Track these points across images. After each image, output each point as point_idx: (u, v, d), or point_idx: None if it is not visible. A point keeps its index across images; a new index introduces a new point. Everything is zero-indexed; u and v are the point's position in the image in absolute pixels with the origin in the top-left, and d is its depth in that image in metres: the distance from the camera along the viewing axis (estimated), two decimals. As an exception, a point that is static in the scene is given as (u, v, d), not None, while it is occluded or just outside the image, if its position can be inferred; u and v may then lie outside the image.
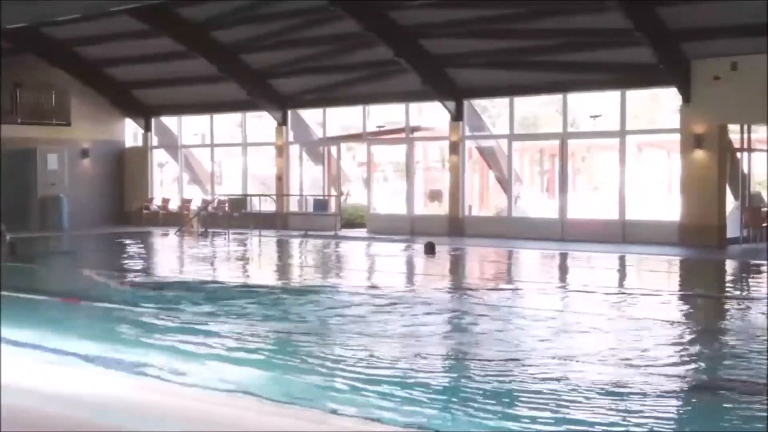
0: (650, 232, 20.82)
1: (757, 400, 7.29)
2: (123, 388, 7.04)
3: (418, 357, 8.85)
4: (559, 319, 11.43)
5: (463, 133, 24.07)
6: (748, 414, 6.93)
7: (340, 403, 6.96)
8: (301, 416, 6.34)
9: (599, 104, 23.89)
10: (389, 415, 6.65)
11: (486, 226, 23.88)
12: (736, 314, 12.21)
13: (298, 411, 6.51)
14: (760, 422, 6.72)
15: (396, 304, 12.24)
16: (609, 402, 7.19)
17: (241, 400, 6.80)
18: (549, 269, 18.48)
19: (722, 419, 6.85)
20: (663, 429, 6.64)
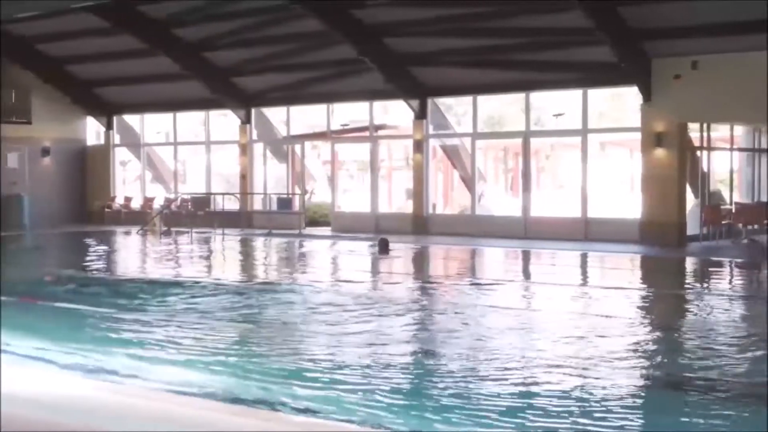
0: (612, 230, 20.99)
1: (714, 396, 7.38)
2: (79, 388, 6.96)
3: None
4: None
5: (427, 132, 24.12)
6: (705, 410, 7.00)
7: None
8: (254, 415, 6.33)
9: (562, 103, 24.03)
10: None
11: (450, 224, 23.96)
12: (694, 311, 12.33)
13: (248, 410, 6.51)
14: (717, 419, 6.80)
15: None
16: (560, 399, 7.24)
17: (196, 401, 6.77)
18: (498, 266, 18.68)
19: (679, 415, 6.92)
20: (619, 425, 6.69)
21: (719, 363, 8.54)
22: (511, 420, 6.68)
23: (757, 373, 8.17)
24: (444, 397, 7.25)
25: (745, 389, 7.55)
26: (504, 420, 6.68)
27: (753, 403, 7.20)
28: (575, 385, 7.63)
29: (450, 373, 8.12)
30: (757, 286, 15.56)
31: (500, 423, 6.64)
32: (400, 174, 27.99)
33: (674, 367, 8.52)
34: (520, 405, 7.03)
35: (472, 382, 7.72)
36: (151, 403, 6.47)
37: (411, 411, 6.91)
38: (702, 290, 14.77)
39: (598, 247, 19.76)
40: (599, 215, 21.67)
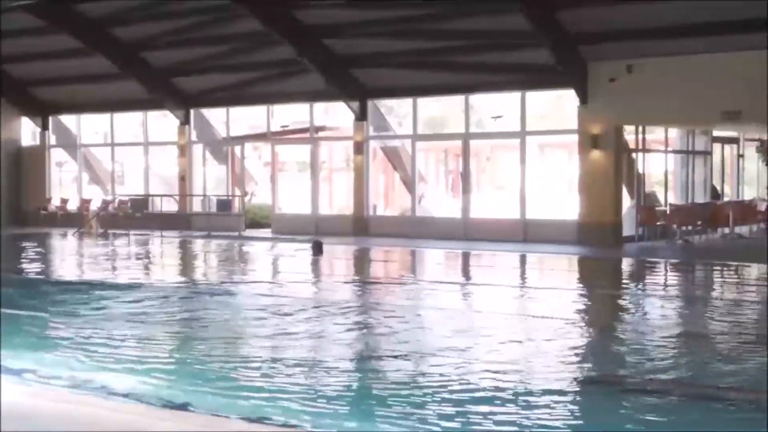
0: (550, 231, 21.22)
1: (648, 395, 7.49)
2: (9, 394, 6.84)
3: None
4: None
5: (367, 133, 24.15)
6: (639, 409, 7.08)
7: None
8: (186, 420, 6.30)
9: (502, 105, 24.21)
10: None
11: (391, 225, 24.00)
12: (630, 311, 12.52)
13: (179, 414, 6.48)
14: (651, 414, 6.90)
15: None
16: (495, 398, 7.29)
17: (126, 406, 6.71)
18: (432, 267, 18.88)
19: (613, 414, 6.98)
20: (553, 425, 6.75)
21: (653, 362, 8.68)
22: (449, 422, 6.71)
23: (687, 371, 8.33)
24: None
25: (680, 388, 7.67)
26: (441, 421, 6.71)
27: (687, 402, 7.34)
28: (510, 384, 7.68)
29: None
30: (691, 285, 15.87)
31: (438, 423, 6.68)
32: (340, 175, 27.96)
33: (608, 366, 8.63)
34: (456, 406, 7.06)
35: (398, 383, 7.77)
36: (60, 405, 6.40)
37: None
38: (637, 290, 15.00)
39: (536, 248, 19.98)
40: (538, 216, 21.88)
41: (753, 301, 13.39)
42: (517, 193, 22.18)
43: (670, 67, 19.40)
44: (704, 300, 13.50)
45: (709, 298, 13.71)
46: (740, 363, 8.61)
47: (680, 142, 23.72)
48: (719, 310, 12.31)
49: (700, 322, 11.23)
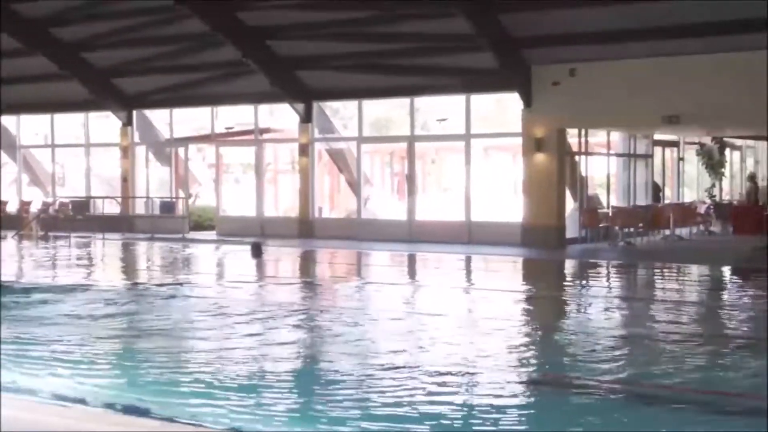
0: (495, 233, 21.34)
1: (590, 395, 7.56)
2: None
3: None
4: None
5: (312, 135, 24.09)
6: (581, 409, 7.14)
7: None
8: (96, 418, 6.25)
9: (447, 108, 24.28)
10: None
11: (336, 228, 23.95)
12: (572, 312, 12.64)
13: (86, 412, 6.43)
14: (593, 415, 6.96)
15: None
16: (439, 399, 7.30)
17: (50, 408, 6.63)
18: (375, 269, 18.88)
19: (556, 415, 7.04)
20: (497, 425, 6.79)
21: (595, 362, 8.75)
22: (392, 423, 6.70)
23: (629, 371, 8.42)
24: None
25: (622, 389, 7.75)
26: (383, 423, 6.70)
27: (629, 401, 7.41)
28: (454, 386, 7.70)
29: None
30: (633, 286, 16.07)
31: (380, 425, 6.67)
32: (286, 177, 27.84)
33: (551, 366, 8.69)
34: (398, 408, 7.05)
35: (335, 384, 7.76)
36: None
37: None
38: (580, 292, 15.16)
39: (480, 250, 20.09)
40: (483, 218, 22.00)
41: (693, 301, 13.62)
42: (462, 196, 22.29)
43: (612, 71, 19.65)
44: (646, 301, 13.69)
45: (650, 299, 13.90)
46: (681, 362, 8.73)
47: (622, 145, 24.03)
48: (660, 311, 12.48)
49: (642, 323, 11.37)
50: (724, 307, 12.90)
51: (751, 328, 10.96)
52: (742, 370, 8.52)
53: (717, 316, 12.01)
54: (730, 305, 13.20)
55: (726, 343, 9.85)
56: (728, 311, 12.48)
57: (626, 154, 24.01)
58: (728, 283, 16.62)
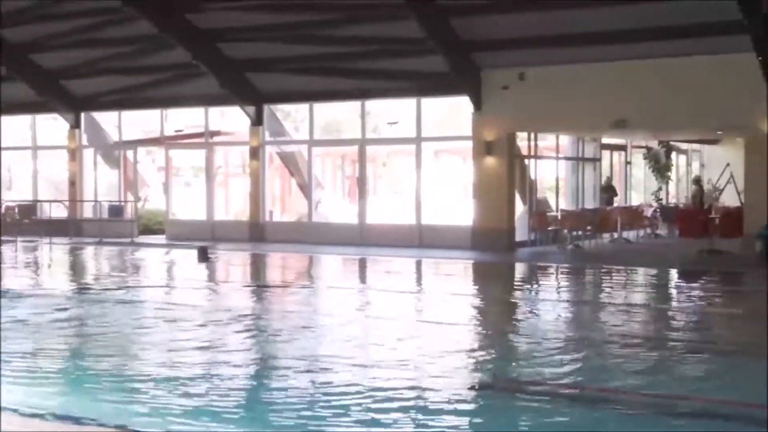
0: (445, 236, 21.44)
1: (541, 397, 7.62)
2: None
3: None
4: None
5: (263, 138, 24.01)
6: (532, 412, 7.20)
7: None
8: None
9: (398, 111, 24.35)
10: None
11: (287, 231, 23.89)
12: (521, 315, 12.73)
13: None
14: (544, 417, 7.04)
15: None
16: (388, 403, 7.33)
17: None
18: (323, 272, 18.94)
19: (506, 418, 7.08)
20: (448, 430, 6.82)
21: (545, 365, 8.83)
22: (339, 428, 6.71)
23: (578, 374, 8.52)
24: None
25: (570, 391, 7.83)
26: (332, 428, 6.71)
27: (578, 404, 7.51)
28: (404, 391, 7.72)
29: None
30: (581, 289, 16.25)
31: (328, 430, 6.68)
32: (236, 181, 27.70)
33: (501, 370, 8.75)
34: (347, 411, 7.06)
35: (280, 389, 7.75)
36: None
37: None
38: (529, 295, 15.29)
39: (431, 253, 20.17)
40: (433, 222, 22.09)
41: (640, 303, 13.80)
42: (413, 199, 22.37)
43: (561, 75, 19.86)
44: (594, 303, 13.86)
45: (598, 302, 14.07)
46: (628, 365, 8.84)
47: (571, 149, 24.30)
48: (608, 313, 12.64)
49: (590, 325, 11.52)
50: (671, 310, 13.08)
51: (697, 330, 11.13)
52: (689, 372, 8.66)
53: (664, 318, 12.18)
54: (676, 308, 13.39)
55: (673, 345, 9.99)
56: (675, 314, 12.66)
57: (575, 157, 24.30)
58: (675, 285, 16.88)
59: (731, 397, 7.54)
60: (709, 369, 8.74)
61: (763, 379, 8.29)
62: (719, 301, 14.43)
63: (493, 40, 19.67)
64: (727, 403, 7.35)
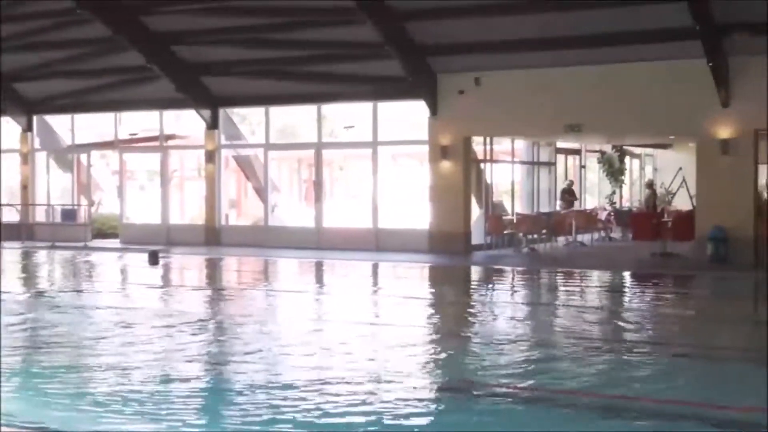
0: (402, 240, 21.49)
1: (499, 400, 7.66)
2: None
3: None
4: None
5: (219, 142, 23.89)
6: (488, 414, 7.23)
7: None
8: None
9: (355, 115, 24.34)
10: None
11: (243, 235, 23.78)
12: (478, 317, 12.78)
13: None
14: (500, 418, 7.08)
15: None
16: (350, 406, 7.32)
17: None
18: (274, 276, 18.93)
19: (464, 420, 7.09)
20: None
21: (501, 367, 8.89)
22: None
23: (533, 375, 8.58)
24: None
25: (525, 393, 7.89)
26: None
27: (533, 406, 7.55)
28: (362, 394, 7.72)
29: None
30: (536, 292, 16.37)
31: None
32: (192, 184, 27.51)
33: (457, 372, 8.79)
34: (305, 416, 7.05)
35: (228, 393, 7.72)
36: None
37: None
38: (484, 297, 15.39)
39: (387, 257, 20.20)
40: (390, 225, 22.13)
41: (594, 306, 13.94)
42: (370, 203, 22.38)
43: (517, 80, 20.00)
44: (549, 306, 13.98)
45: (553, 304, 14.20)
46: (582, 366, 8.92)
47: (526, 153, 24.50)
48: (563, 316, 12.76)
49: (545, 327, 11.61)
50: (624, 312, 13.22)
51: (649, 332, 11.26)
52: (640, 373, 8.77)
53: (617, 320, 12.31)
54: (629, 310, 13.55)
55: (625, 347, 10.10)
56: (627, 315, 12.80)
57: (530, 161, 24.50)
58: (628, 287, 17.07)
59: (683, 397, 7.64)
60: (660, 370, 8.85)
61: (714, 378, 8.44)
62: (671, 302, 14.62)
63: (449, 44, 19.76)
64: (679, 403, 7.44)
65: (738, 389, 8.04)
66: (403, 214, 23.20)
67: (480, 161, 22.15)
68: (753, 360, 9.41)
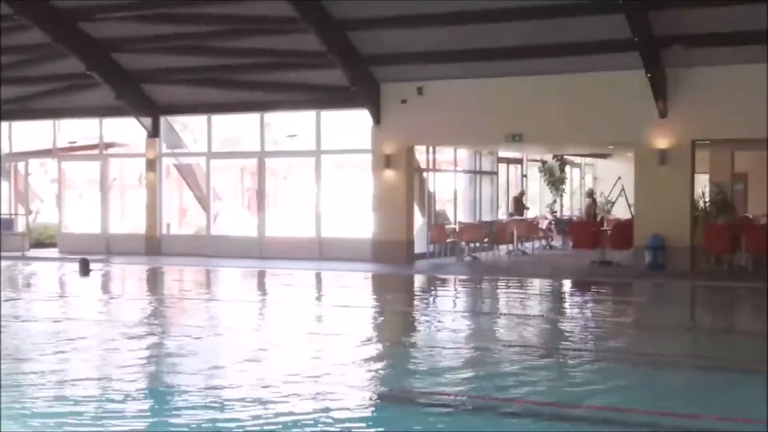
0: (345, 249, 21.48)
1: (438, 407, 7.68)
2: None
3: None
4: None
5: (160, 151, 23.67)
6: (429, 423, 7.27)
7: None
8: None
9: (298, 124, 24.26)
10: None
11: (185, 244, 23.56)
12: (420, 326, 12.82)
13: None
14: (441, 425, 7.10)
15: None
16: (291, 416, 7.29)
17: None
18: (205, 286, 18.77)
19: (405, 429, 7.11)
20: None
21: (442, 375, 8.91)
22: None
23: (474, 383, 8.63)
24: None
25: (469, 402, 7.92)
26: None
27: (475, 413, 7.58)
28: (303, 404, 7.69)
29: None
30: (478, 300, 16.47)
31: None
32: (133, 193, 27.16)
33: (399, 381, 8.80)
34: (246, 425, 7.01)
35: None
36: None
37: None
38: (426, 306, 15.44)
39: (330, 266, 20.17)
40: (333, 234, 22.10)
41: (534, 314, 14.07)
42: (313, 212, 22.34)
43: (459, 89, 20.15)
44: (490, 314, 14.07)
45: (494, 312, 14.30)
46: (524, 374, 8.98)
47: (468, 162, 24.67)
48: (504, 324, 12.85)
49: (486, 335, 11.68)
50: (565, 320, 13.37)
51: (588, 339, 11.39)
52: (580, 379, 8.87)
53: (556, 328, 12.45)
54: (569, 317, 13.70)
55: (564, 354, 10.21)
56: (566, 323, 12.94)
57: (472, 170, 24.68)
58: (568, 295, 17.27)
59: (619, 403, 7.74)
60: (599, 376, 8.96)
61: (652, 385, 8.58)
62: (609, 310, 14.83)
63: (392, 54, 19.84)
64: (618, 410, 7.54)
65: (666, 393, 8.20)
66: (346, 223, 23.18)
67: (423, 170, 22.25)
68: (685, 365, 9.66)
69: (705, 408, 7.51)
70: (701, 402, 7.83)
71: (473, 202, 24.68)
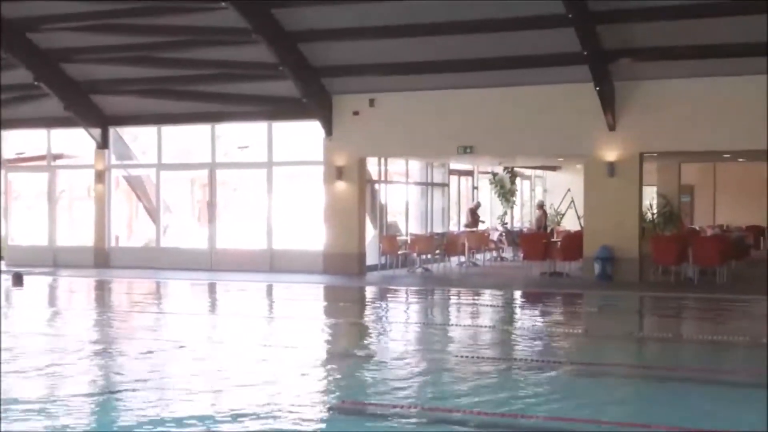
0: (297, 261, 21.42)
1: (390, 420, 7.66)
2: None
3: None
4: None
5: (109, 162, 23.42)
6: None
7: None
8: None
9: (250, 135, 24.16)
10: None
11: (134, 256, 23.33)
12: (369, 337, 12.81)
13: None
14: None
15: None
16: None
17: None
18: (152, 298, 18.58)
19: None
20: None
21: (393, 387, 8.90)
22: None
23: (426, 395, 8.64)
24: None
25: (421, 414, 7.91)
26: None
27: (427, 426, 7.58)
28: (253, 418, 7.65)
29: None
30: (429, 311, 16.51)
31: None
32: (81, 205, 26.81)
33: (350, 393, 8.78)
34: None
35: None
36: None
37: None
38: (377, 317, 15.43)
39: (281, 278, 20.09)
40: (285, 246, 22.02)
41: (487, 325, 14.13)
42: (264, 224, 22.25)
43: (411, 101, 20.25)
44: (442, 325, 14.11)
45: (446, 323, 14.35)
46: (477, 385, 9.01)
47: (420, 174, 24.77)
48: (455, 335, 12.89)
49: (438, 346, 11.71)
50: (515, 330, 13.44)
51: (539, 349, 11.47)
52: (531, 390, 8.92)
53: (506, 338, 12.52)
54: (520, 328, 13.78)
55: (515, 364, 10.26)
56: (516, 333, 13.02)
57: (424, 182, 24.78)
58: (518, 306, 17.38)
59: (571, 414, 7.80)
60: (551, 387, 9.02)
61: (603, 394, 8.67)
62: (559, 320, 14.95)
63: (344, 66, 19.88)
64: (571, 420, 7.59)
65: (613, 401, 8.31)
66: (297, 235, 23.11)
67: (374, 182, 22.29)
68: (628, 375, 9.78)
69: (650, 417, 7.59)
70: (648, 411, 7.91)
71: (425, 214, 24.78)
